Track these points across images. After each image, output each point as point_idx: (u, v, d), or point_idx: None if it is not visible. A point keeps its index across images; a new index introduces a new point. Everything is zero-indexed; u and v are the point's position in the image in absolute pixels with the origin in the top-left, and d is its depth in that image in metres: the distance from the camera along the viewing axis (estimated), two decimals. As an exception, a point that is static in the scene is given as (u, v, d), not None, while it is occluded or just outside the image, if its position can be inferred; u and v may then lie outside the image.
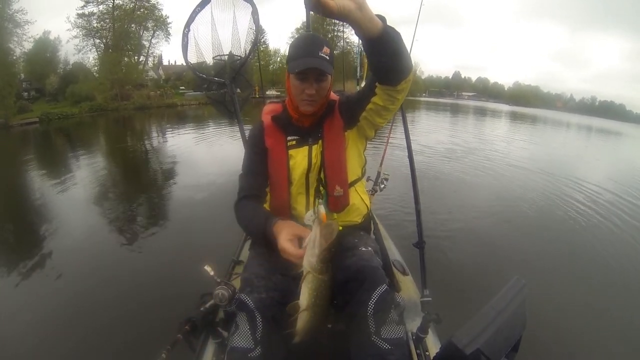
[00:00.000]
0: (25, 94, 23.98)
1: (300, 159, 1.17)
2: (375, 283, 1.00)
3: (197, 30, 1.90)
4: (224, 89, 1.92)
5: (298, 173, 1.17)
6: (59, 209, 4.71)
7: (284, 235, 0.95)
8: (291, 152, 1.18)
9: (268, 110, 1.25)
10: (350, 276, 1.02)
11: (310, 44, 1.04)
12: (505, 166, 7.80)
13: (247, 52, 1.93)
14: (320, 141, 1.17)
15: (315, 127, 1.18)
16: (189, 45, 1.89)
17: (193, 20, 1.88)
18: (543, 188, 6.11)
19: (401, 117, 1.66)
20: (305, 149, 1.18)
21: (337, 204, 1.20)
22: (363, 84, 3.52)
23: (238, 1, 1.91)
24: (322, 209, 0.92)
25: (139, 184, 6.34)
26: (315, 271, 0.87)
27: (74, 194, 5.35)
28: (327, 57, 1.03)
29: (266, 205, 1.22)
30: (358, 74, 3.43)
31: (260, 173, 1.20)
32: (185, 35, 1.87)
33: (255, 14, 1.88)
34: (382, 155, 2.35)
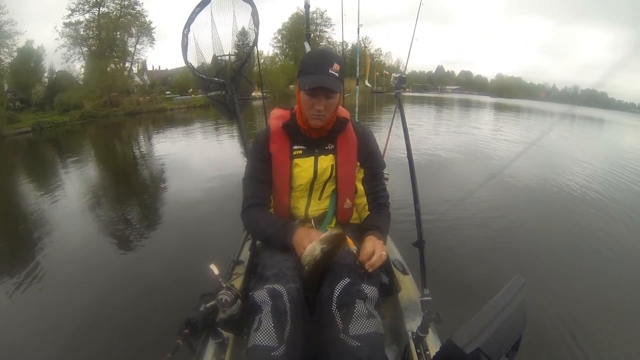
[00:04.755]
0: (10, 104, 23.66)
1: (306, 167, 1.21)
2: (337, 277, 1.01)
3: (196, 30, 1.91)
4: (224, 89, 1.92)
5: (303, 181, 1.21)
6: (57, 215, 4.71)
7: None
8: (297, 160, 1.21)
9: (276, 115, 1.26)
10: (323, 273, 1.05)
11: (321, 61, 1.07)
12: (503, 162, 7.81)
13: (247, 52, 1.93)
14: (331, 155, 1.22)
15: (323, 140, 1.21)
16: (188, 45, 1.89)
17: (193, 21, 1.88)
18: (542, 184, 6.10)
19: (400, 118, 1.67)
20: (312, 159, 1.21)
21: (344, 216, 1.28)
22: (366, 82, 3.53)
23: (238, 2, 1.91)
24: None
25: (135, 189, 6.36)
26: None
27: (72, 201, 5.35)
28: (337, 74, 1.06)
29: None
30: (358, 73, 3.43)
31: (265, 181, 1.22)
32: (185, 36, 1.86)
33: (255, 14, 1.89)
34: (382, 155, 2.41)
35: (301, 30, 41.72)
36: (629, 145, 13.43)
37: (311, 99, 1.08)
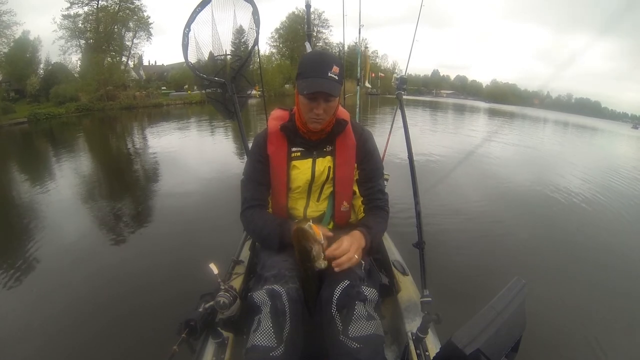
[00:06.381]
0: (5, 95, 23.25)
1: (304, 169, 1.20)
2: (336, 279, 1.01)
3: (197, 30, 1.91)
4: (224, 88, 1.92)
5: (301, 183, 1.21)
6: (50, 208, 4.66)
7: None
8: (295, 162, 1.20)
9: (275, 116, 1.25)
10: (321, 274, 1.05)
11: (320, 63, 1.05)
12: (501, 163, 7.90)
13: (248, 52, 1.93)
14: (329, 157, 1.21)
15: (322, 141, 1.21)
16: (189, 45, 1.89)
17: (194, 20, 1.89)
18: (542, 185, 6.18)
19: (401, 118, 1.68)
20: (309, 161, 1.20)
21: (342, 218, 1.27)
22: (367, 83, 3.56)
23: (238, 1, 1.91)
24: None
25: (130, 183, 6.29)
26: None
27: (66, 193, 5.29)
28: (336, 77, 1.05)
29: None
30: (359, 73, 3.45)
31: (264, 183, 1.22)
32: (185, 35, 1.87)
33: (255, 14, 1.89)
34: (382, 155, 2.42)
35: (298, 30, 41.63)
36: (622, 153, 13.69)
37: (310, 103, 1.07)
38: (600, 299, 2.74)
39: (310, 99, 1.06)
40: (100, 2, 27.11)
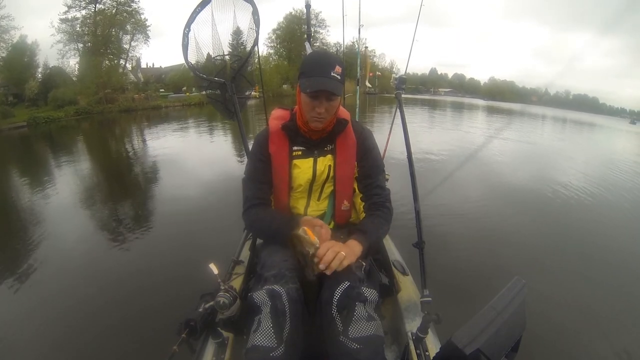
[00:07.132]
0: (3, 99, 23.19)
1: (305, 168, 1.21)
2: (337, 280, 1.01)
3: (197, 30, 1.91)
4: (224, 89, 1.92)
5: (302, 182, 1.21)
6: (51, 211, 4.67)
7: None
8: (296, 161, 1.21)
9: (276, 116, 1.26)
10: (322, 276, 1.04)
11: (323, 63, 1.06)
12: (502, 160, 7.91)
13: (248, 52, 1.93)
14: (329, 155, 1.21)
15: (323, 140, 1.21)
16: (189, 45, 1.89)
17: (193, 20, 1.89)
18: (543, 182, 6.17)
19: (400, 117, 1.68)
20: (311, 160, 1.21)
21: (342, 217, 1.27)
22: (367, 83, 3.58)
23: (238, 1, 1.92)
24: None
25: (130, 185, 6.30)
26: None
27: (66, 197, 5.29)
28: (339, 77, 1.06)
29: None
30: (358, 73, 3.46)
31: (265, 181, 1.22)
32: (185, 36, 1.86)
33: (255, 14, 1.89)
34: (382, 155, 2.41)
35: (296, 31, 41.65)
36: (621, 147, 13.73)
37: (312, 102, 1.07)
38: (602, 297, 2.73)
39: (312, 98, 1.07)
40: (97, 5, 27.32)
